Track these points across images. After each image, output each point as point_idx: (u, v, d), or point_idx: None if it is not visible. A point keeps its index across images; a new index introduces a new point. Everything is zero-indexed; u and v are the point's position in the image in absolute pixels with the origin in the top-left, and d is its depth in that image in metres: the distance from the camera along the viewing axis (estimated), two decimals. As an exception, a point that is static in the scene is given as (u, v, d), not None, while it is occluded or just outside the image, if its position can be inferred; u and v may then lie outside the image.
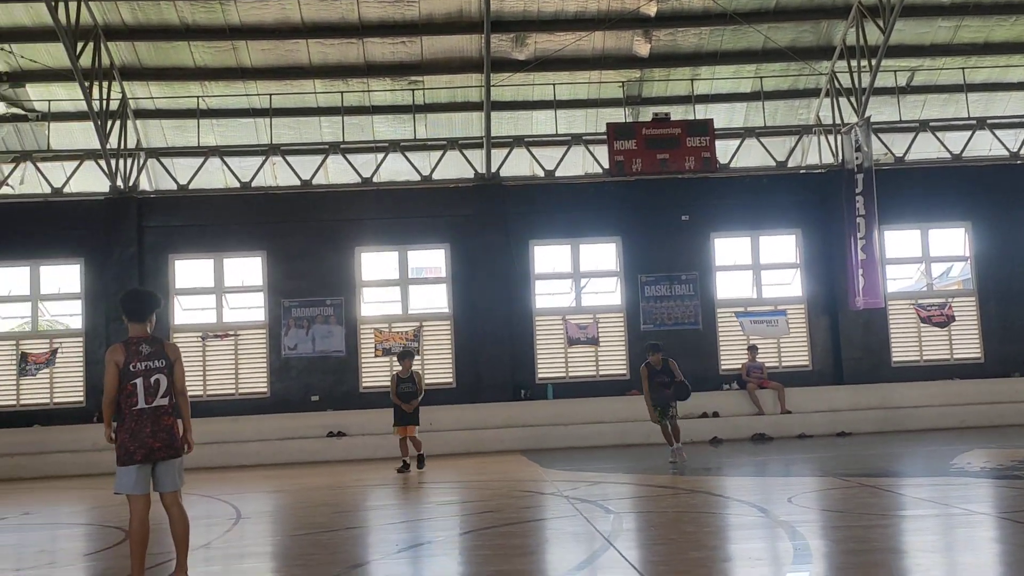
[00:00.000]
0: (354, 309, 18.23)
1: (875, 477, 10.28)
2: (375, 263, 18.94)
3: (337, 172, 18.82)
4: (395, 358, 13.98)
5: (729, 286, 19.04)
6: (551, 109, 18.86)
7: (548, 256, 19.05)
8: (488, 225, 18.33)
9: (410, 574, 6.55)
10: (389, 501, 9.43)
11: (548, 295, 18.91)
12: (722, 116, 19.26)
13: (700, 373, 17.05)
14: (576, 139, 18.81)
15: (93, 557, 7.63)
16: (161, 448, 5.73)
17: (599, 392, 17.84)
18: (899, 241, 19.46)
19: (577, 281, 18.95)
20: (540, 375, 18.28)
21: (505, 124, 19.09)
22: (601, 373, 18.39)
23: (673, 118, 18.17)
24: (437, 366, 18.26)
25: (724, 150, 18.67)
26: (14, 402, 17.61)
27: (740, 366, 17.92)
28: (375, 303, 18.83)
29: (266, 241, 18.26)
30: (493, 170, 18.46)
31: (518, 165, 18.98)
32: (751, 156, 19.05)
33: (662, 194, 18.40)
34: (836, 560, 5.95)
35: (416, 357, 13.78)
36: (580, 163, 19.11)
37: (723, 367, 18.31)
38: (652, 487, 10.39)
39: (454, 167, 18.71)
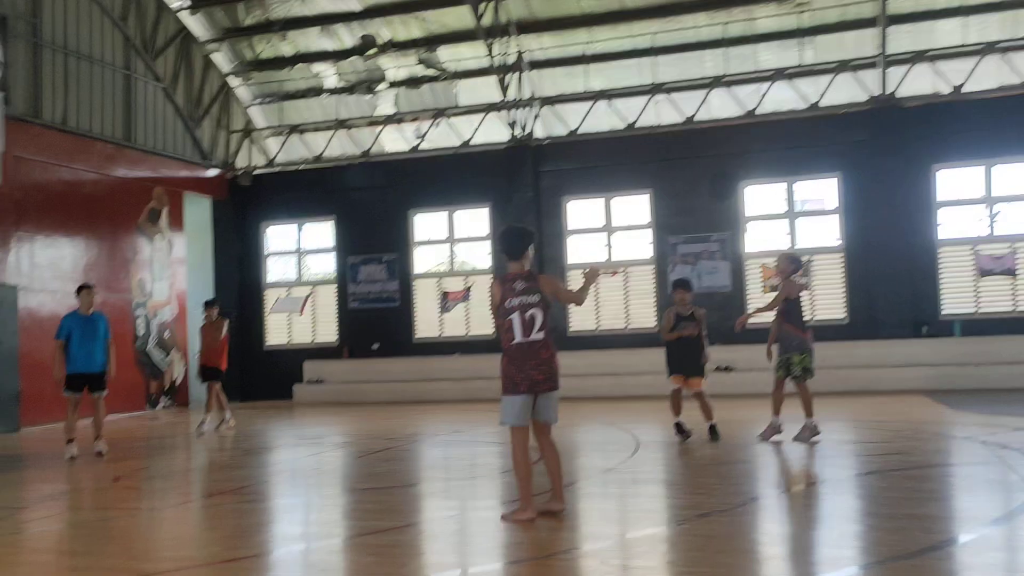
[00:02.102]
0: (739, 244, 18.09)
1: None
2: (760, 197, 18.56)
3: (720, 106, 18.61)
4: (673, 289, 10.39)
5: None
6: (958, 16, 16.95)
7: (954, 181, 17.33)
8: (884, 151, 17.08)
9: (818, 510, 6.53)
10: (780, 437, 9.41)
11: (953, 223, 17.25)
12: None
13: None
14: (989, 47, 16.75)
15: (509, 474, 8.54)
16: (543, 380, 5.92)
17: (1018, 329, 16.04)
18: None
19: (990, 206, 17.04)
20: (944, 311, 16.84)
21: (903, 39, 17.51)
22: (1020, 308, 16.48)
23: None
24: (827, 301, 17.61)
25: None
26: (437, 333, 20.02)
27: None
28: (761, 238, 18.50)
29: (652, 179, 18.69)
30: (889, 91, 17.10)
31: (918, 84, 17.37)
32: None
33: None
34: None
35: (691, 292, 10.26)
36: (995, 75, 17.00)
37: None
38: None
39: (845, 91, 17.62)
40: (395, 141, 20.97)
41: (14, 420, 14.73)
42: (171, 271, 19.31)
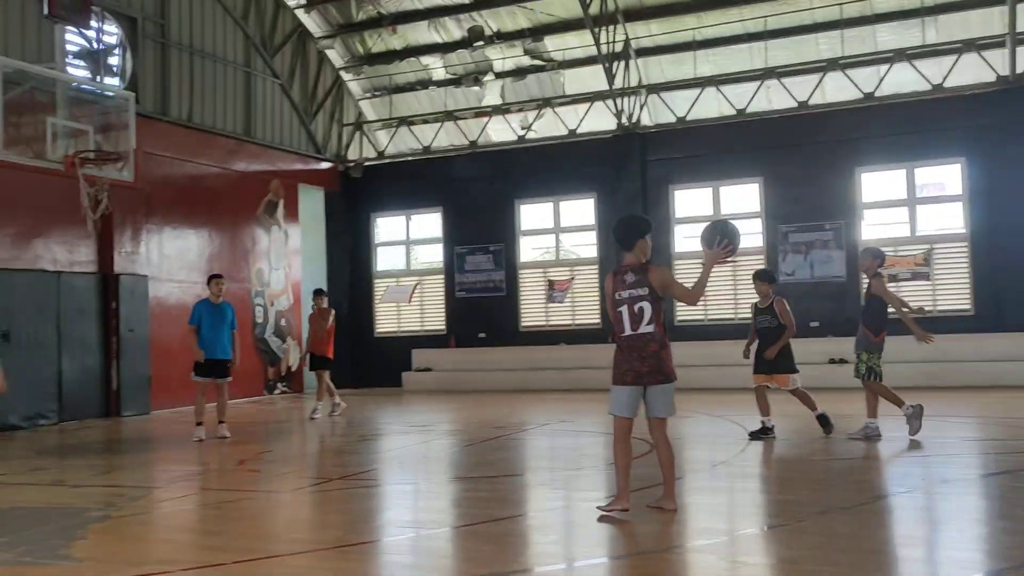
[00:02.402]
0: (854, 233, 17.53)
1: None
2: (877, 184, 17.92)
3: (835, 90, 18.04)
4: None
5: None
6: (1097, -10, 15.97)
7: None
8: (1013, 135, 16.27)
9: (945, 510, 6.31)
10: (900, 433, 9.10)
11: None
12: None
13: None
14: None
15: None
16: (648, 373, 5.88)
17: None
18: None
19: None
20: (1080, 303, 15.95)
21: (1035, 15, 16.60)
22: None
23: None
24: (951, 292, 16.91)
25: None
26: (544, 322, 20.11)
27: None
28: (878, 225, 17.88)
29: (762, 167, 18.29)
30: (1019, 71, 16.24)
31: (1052, 62, 16.45)
32: None
33: None
34: None
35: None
36: None
37: None
38: None
39: (970, 72, 16.84)
40: (501, 131, 21.12)
41: (146, 403, 15.53)
42: (286, 261, 19.98)
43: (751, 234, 18.65)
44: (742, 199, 18.88)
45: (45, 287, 14.19)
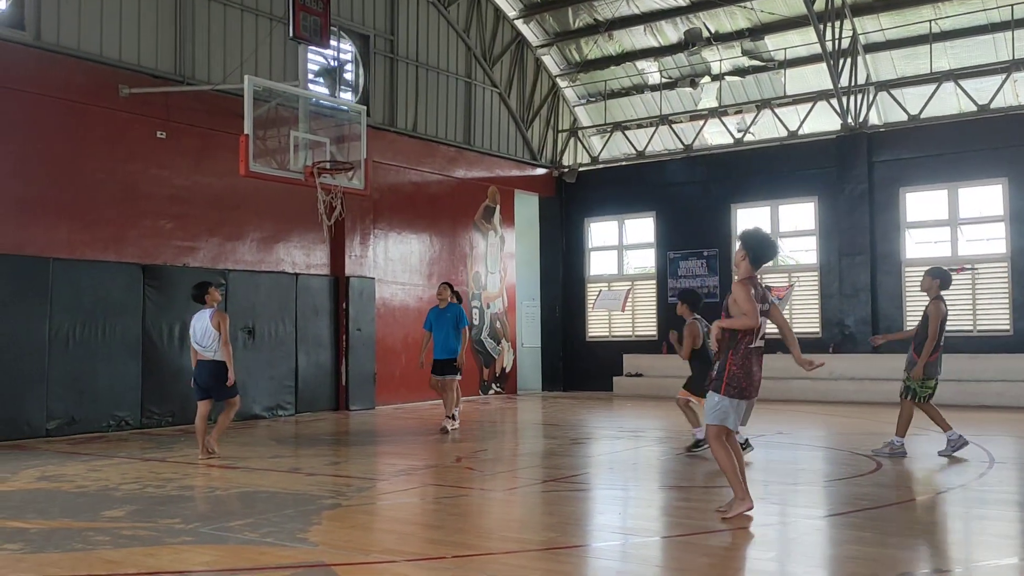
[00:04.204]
0: (1119, 239, 15.75)
1: None
2: None
3: (1096, 81, 16.31)
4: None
5: None
6: None
7: None
8: None
9: None
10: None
11: None
12: None
13: None
14: None
15: (835, 483, 8.14)
16: (758, 385, 6.21)
17: None
18: None
19: None
20: None
21: None
22: None
23: None
24: None
25: None
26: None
27: None
28: None
29: (1007, 166, 16.80)
30: None
31: None
32: None
33: None
34: None
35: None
36: None
37: None
38: None
39: None
40: (717, 135, 20.68)
41: (371, 399, 16.49)
42: (502, 265, 20.55)
43: (992, 239, 17.23)
44: (983, 201, 17.45)
45: (285, 288, 15.39)
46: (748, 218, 19.88)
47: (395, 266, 17.62)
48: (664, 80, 21.10)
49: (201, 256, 14.28)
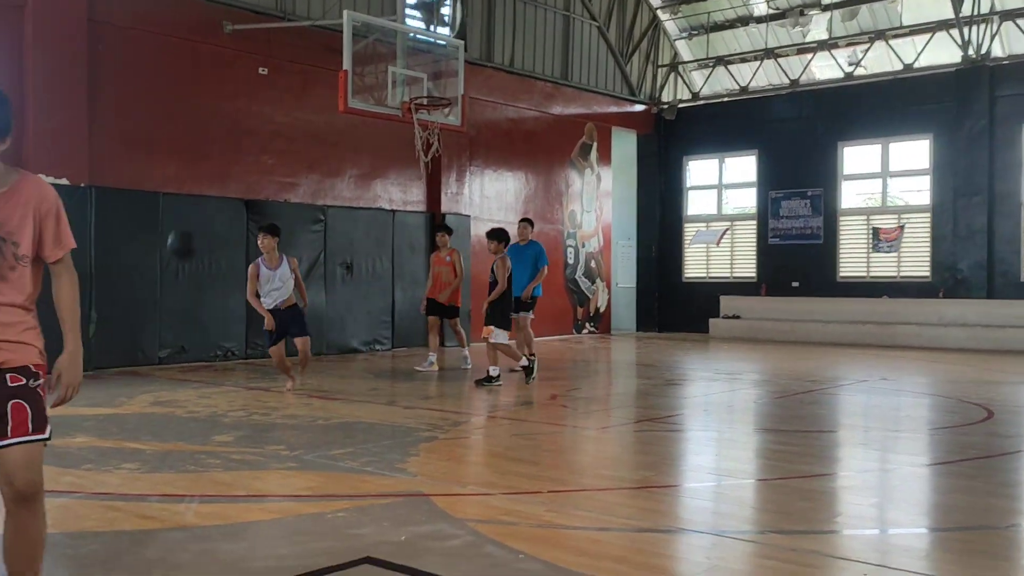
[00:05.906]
0: None
1: None
2: None
3: None
4: None
5: None
6: None
7: None
8: None
9: None
10: None
11: None
12: None
13: None
14: None
15: (941, 431, 7.85)
16: None
17: None
18: None
19: None
20: None
21: None
22: None
23: None
24: None
25: None
26: (864, 273, 18.86)
27: None
28: None
29: None
30: None
31: None
32: None
33: None
34: None
35: None
36: None
37: None
38: None
39: None
40: (826, 69, 19.83)
41: (466, 335, 16.62)
42: (598, 204, 20.34)
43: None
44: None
45: (382, 225, 15.58)
46: (856, 156, 19.12)
47: (491, 203, 17.63)
48: (771, 11, 20.25)
49: (301, 192, 14.55)
